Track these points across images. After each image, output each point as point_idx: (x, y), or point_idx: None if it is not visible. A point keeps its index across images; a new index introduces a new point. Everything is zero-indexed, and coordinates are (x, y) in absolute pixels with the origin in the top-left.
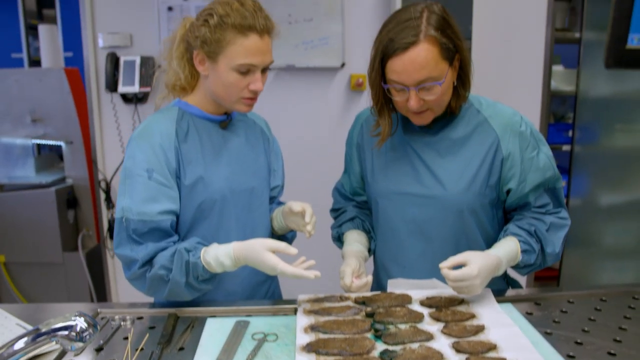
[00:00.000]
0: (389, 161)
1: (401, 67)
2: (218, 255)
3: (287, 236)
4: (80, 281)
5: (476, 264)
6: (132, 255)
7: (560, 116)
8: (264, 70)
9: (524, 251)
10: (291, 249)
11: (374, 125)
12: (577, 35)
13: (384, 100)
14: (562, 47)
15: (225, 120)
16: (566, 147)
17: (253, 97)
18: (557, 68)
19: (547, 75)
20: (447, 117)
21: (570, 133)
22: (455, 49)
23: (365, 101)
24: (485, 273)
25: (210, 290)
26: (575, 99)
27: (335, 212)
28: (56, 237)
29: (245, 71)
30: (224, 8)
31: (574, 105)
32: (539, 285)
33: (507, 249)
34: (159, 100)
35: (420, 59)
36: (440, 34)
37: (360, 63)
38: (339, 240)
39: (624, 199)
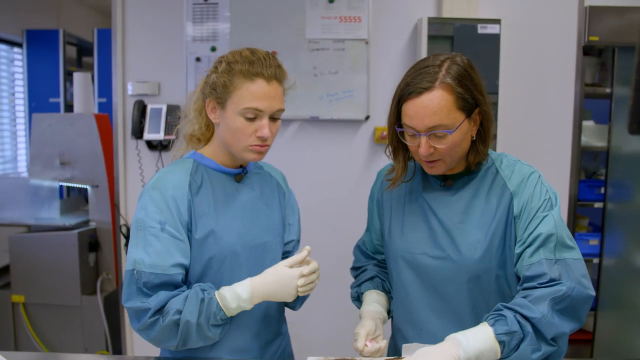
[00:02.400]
0: (406, 220)
1: (413, 111)
2: (234, 288)
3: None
4: (97, 325)
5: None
6: (143, 306)
7: (592, 172)
8: (275, 119)
9: (493, 324)
10: (304, 251)
11: (390, 169)
12: (607, 90)
13: (397, 144)
14: (592, 102)
15: (241, 174)
16: (598, 205)
17: (262, 145)
18: (588, 123)
19: (577, 130)
20: (467, 175)
21: (602, 190)
22: (474, 103)
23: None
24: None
25: (217, 346)
26: (607, 154)
27: (356, 270)
28: (76, 279)
29: (252, 117)
30: (234, 55)
31: (605, 161)
32: (570, 349)
33: (467, 332)
34: (177, 152)
35: (432, 104)
36: (457, 83)
37: (384, 116)
38: (357, 300)
39: None
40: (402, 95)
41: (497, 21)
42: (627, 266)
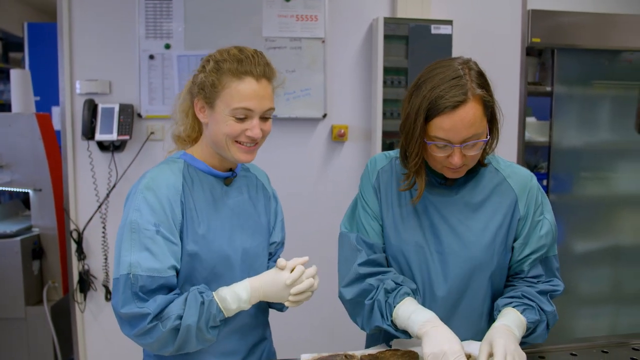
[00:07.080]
0: (405, 217)
1: (450, 124)
2: (234, 289)
3: None
4: (44, 337)
5: (501, 344)
6: (141, 311)
7: (534, 165)
8: (266, 118)
9: (523, 311)
10: (303, 257)
11: (405, 182)
12: (548, 89)
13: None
14: (533, 100)
15: (230, 177)
16: None
17: (250, 145)
18: (530, 120)
19: (522, 126)
20: (465, 174)
21: (545, 182)
22: (491, 104)
23: (348, 152)
24: (510, 344)
25: (204, 349)
26: (549, 149)
27: (369, 265)
28: (19, 289)
29: (243, 117)
30: (222, 53)
31: (546, 155)
32: None
33: (509, 317)
34: (168, 153)
35: (469, 116)
36: (485, 92)
37: (341, 114)
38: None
39: (597, 246)
40: (434, 109)
41: (449, 22)
42: (567, 253)
